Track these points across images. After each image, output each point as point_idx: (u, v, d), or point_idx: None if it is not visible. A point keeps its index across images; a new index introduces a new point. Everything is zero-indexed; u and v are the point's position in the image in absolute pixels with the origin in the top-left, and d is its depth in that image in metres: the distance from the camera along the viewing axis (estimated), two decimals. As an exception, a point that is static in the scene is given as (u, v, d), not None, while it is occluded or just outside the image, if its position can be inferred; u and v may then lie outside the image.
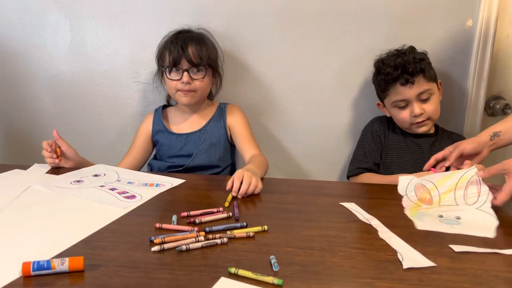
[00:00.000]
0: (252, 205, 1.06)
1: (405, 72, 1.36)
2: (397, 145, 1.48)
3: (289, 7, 1.53)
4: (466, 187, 1.08)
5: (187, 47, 1.34)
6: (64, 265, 0.72)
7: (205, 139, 1.44)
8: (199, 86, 1.38)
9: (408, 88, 1.37)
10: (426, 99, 1.39)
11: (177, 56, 1.33)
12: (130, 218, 0.96)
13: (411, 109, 1.39)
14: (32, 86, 1.66)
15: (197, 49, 1.35)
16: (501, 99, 1.59)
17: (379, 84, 1.44)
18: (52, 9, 1.58)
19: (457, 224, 0.98)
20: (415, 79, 1.36)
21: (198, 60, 1.35)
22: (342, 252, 0.82)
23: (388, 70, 1.39)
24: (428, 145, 1.46)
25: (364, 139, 1.53)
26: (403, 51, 1.43)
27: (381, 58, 1.47)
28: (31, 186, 1.13)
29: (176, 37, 1.38)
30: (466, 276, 0.75)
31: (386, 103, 1.45)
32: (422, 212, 1.04)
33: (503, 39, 1.56)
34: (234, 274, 0.73)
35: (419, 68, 1.37)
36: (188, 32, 1.43)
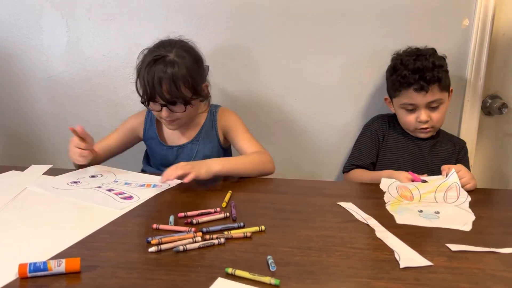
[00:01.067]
0: (249, 205, 1.06)
1: (422, 78, 1.33)
2: (397, 145, 1.48)
3: (287, 6, 1.53)
4: (446, 191, 1.13)
5: (161, 84, 1.21)
6: (60, 266, 0.72)
7: (198, 151, 1.37)
8: (181, 116, 1.29)
9: (421, 95, 1.35)
10: (435, 107, 1.38)
11: (151, 93, 1.23)
12: (127, 219, 0.96)
13: (418, 114, 1.38)
14: (28, 87, 1.66)
15: (172, 87, 1.21)
16: (498, 98, 1.60)
17: (392, 82, 1.41)
18: (48, 10, 1.58)
19: (435, 219, 1.00)
20: (430, 87, 1.33)
21: (174, 98, 1.24)
22: (339, 252, 0.82)
23: (405, 73, 1.35)
24: (429, 147, 1.45)
25: (362, 137, 1.54)
26: (423, 53, 1.39)
27: (400, 56, 1.43)
28: (28, 188, 1.12)
29: (150, 68, 1.22)
30: (462, 275, 0.75)
31: (395, 102, 1.44)
32: (403, 207, 1.07)
33: (499, 38, 1.56)
34: (231, 274, 0.73)
35: (437, 76, 1.34)
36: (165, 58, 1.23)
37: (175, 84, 1.21)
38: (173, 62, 1.22)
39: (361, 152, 1.50)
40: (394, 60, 1.45)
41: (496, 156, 1.67)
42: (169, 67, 1.21)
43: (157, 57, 1.22)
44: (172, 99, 1.24)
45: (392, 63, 1.45)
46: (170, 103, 1.24)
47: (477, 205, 1.14)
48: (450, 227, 0.95)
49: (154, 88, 1.21)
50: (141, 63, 1.27)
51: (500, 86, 1.61)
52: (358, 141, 1.55)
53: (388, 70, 1.47)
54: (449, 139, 1.50)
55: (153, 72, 1.21)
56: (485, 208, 1.10)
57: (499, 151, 1.67)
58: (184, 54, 1.26)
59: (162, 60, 1.22)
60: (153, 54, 1.24)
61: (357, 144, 1.54)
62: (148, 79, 1.21)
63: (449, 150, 1.47)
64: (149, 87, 1.22)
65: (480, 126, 1.62)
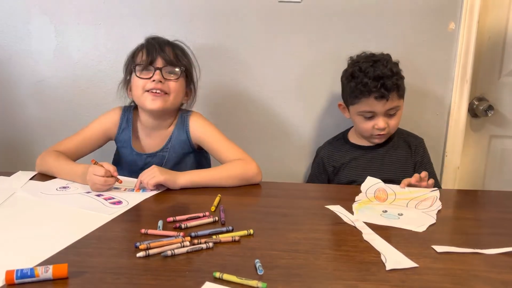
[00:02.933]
0: (238, 209, 1.06)
1: (382, 86, 1.32)
2: (350, 164, 1.45)
3: (277, 9, 1.55)
4: (421, 200, 1.14)
5: (164, 46, 1.27)
6: (48, 272, 0.72)
7: (167, 161, 1.33)
8: (172, 88, 1.26)
9: (381, 103, 1.34)
10: (392, 114, 1.38)
11: (152, 53, 1.24)
12: (116, 224, 0.96)
13: (376, 121, 1.37)
14: (17, 92, 1.65)
15: (174, 49, 1.29)
16: (484, 100, 1.62)
17: (351, 89, 1.38)
18: (36, 15, 1.57)
19: (396, 219, 1.02)
20: (390, 95, 1.33)
21: (174, 59, 1.27)
22: (326, 254, 0.83)
23: (366, 81, 1.33)
24: (381, 156, 1.44)
25: (314, 164, 1.55)
26: (380, 59, 1.38)
27: (358, 62, 1.40)
28: (17, 193, 1.12)
29: (152, 38, 1.31)
30: (447, 276, 0.76)
31: (352, 109, 1.41)
32: (367, 206, 1.09)
33: (485, 41, 1.58)
34: (219, 278, 0.74)
35: (396, 84, 1.34)
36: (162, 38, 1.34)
37: (178, 46, 1.31)
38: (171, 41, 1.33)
39: (312, 179, 1.52)
40: (351, 66, 1.42)
41: (482, 157, 1.70)
42: (171, 41, 1.32)
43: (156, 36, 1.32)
44: (173, 60, 1.26)
45: (349, 69, 1.41)
46: (170, 64, 1.26)
47: (463, 206, 1.16)
48: (405, 227, 0.97)
49: (159, 47, 1.25)
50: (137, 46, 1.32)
51: (487, 88, 1.63)
52: (312, 166, 1.56)
53: (345, 76, 1.43)
54: (403, 140, 1.48)
55: (156, 40, 1.29)
56: (471, 209, 1.12)
57: (485, 153, 1.69)
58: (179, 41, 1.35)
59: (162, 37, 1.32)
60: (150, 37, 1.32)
61: (311, 170, 1.55)
62: (151, 43, 1.27)
63: (404, 154, 1.45)
64: (152, 48, 1.25)
65: (467, 128, 1.65)
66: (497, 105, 1.62)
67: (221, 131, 1.34)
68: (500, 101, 1.63)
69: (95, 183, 1.13)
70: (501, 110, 1.64)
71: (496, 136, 1.67)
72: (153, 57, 1.24)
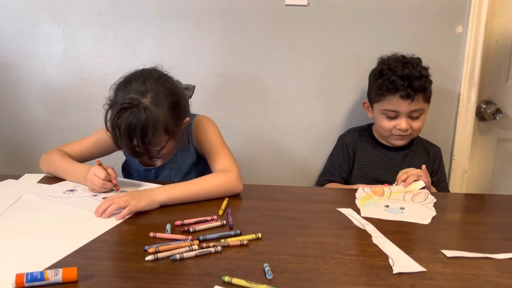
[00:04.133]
0: (246, 213, 1.06)
1: (409, 86, 1.33)
2: (369, 159, 1.48)
3: (284, 12, 1.55)
4: (415, 194, 1.18)
5: (131, 146, 1.10)
6: (57, 276, 0.72)
7: (176, 172, 1.30)
8: (163, 154, 1.20)
9: (406, 102, 1.35)
10: (415, 117, 1.39)
11: (123, 147, 1.13)
12: (124, 227, 0.96)
13: (398, 122, 1.38)
14: (25, 96, 1.66)
15: (140, 149, 1.10)
16: (492, 103, 1.61)
17: (378, 86, 1.39)
18: (44, 19, 1.58)
19: (400, 213, 1.06)
20: (416, 96, 1.34)
21: (144, 155, 1.13)
22: (335, 259, 0.83)
23: (394, 79, 1.35)
24: (401, 158, 1.46)
25: (335, 150, 1.55)
26: (410, 61, 1.39)
27: (388, 61, 1.42)
28: (25, 196, 1.12)
29: (119, 118, 1.07)
30: (457, 281, 0.76)
31: (376, 107, 1.43)
32: (371, 202, 1.12)
33: (492, 44, 1.58)
34: (228, 282, 0.73)
35: (423, 86, 1.35)
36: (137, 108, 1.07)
37: (145, 138, 1.07)
38: (146, 117, 1.06)
39: (333, 166, 1.52)
40: (380, 64, 1.44)
41: (490, 161, 1.69)
42: (139, 120, 1.06)
43: (128, 107, 1.06)
44: (142, 155, 1.13)
45: (378, 67, 1.44)
46: (137, 155, 1.13)
47: (471, 210, 1.15)
48: (411, 221, 1.01)
49: (125, 146, 1.10)
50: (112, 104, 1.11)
51: (494, 92, 1.62)
52: (331, 155, 1.56)
53: (373, 74, 1.45)
54: (423, 147, 1.50)
55: (124, 134, 1.07)
56: (480, 214, 1.11)
57: (493, 156, 1.68)
58: (161, 99, 1.10)
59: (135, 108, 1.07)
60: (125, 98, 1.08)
61: (330, 158, 1.56)
62: (119, 137, 1.08)
63: (422, 160, 1.46)
64: (122, 141, 1.08)
65: (475, 132, 1.64)
66: (505, 108, 1.61)
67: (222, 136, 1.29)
68: (508, 105, 1.62)
69: (94, 183, 1.13)
70: (509, 113, 1.63)
71: (504, 139, 1.67)
72: (125, 150, 1.16)
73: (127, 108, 1.07)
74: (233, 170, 1.18)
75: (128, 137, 1.07)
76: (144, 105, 1.08)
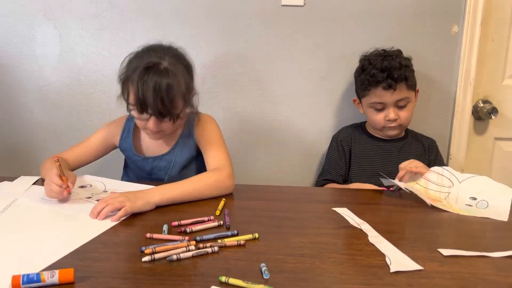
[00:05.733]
0: (243, 213, 1.06)
1: (389, 77, 1.38)
2: (365, 153, 1.50)
3: (280, 13, 1.55)
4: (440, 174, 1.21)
5: (156, 95, 1.12)
6: (54, 277, 0.72)
7: (174, 164, 1.31)
8: (168, 128, 1.22)
9: (389, 93, 1.39)
10: (402, 106, 1.42)
11: (143, 103, 1.13)
12: (121, 228, 0.96)
13: (386, 113, 1.42)
14: (21, 98, 1.66)
15: (166, 99, 1.13)
16: (488, 102, 1.62)
17: (361, 82, 1.45)
18: (41, 21, 1.58)
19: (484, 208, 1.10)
20: (397, 85, 1.38)
21: (166, 111, 1.15)
22: (332, 258, 0.83)
23: (374, 72, 1.40)
24: (397, 149, 1.48)
25: (330, 150, 1.56)
26: (390, 53, 1.44)
27: (368, 56, 1.48)
28: (19, 198, 1.12)
29: (143, 76, 1.13)
30: (454, 280, 0.76)
31: (364, 102, 1.47)
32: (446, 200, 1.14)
33: (488, 44, 1.58)
34: (225, 283, 0.73)
35: (404, 75, 1.39)
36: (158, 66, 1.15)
37: (170, 96, 1.13)
38: (167, 71, 1.14)
39: (330, 165, 1.52)
40: (362, 61, 1.49)
41: (487, 160, 1.69)
42: (164, 77, 1.13)
43: (150, 65, 1.14)
44: (165, 111, 1.15)
45: (360, 64, 1.49)
46: (160, 115, 1.16)
47: (469, 209, 1.15)
48: None
49: (147, 99, 1.12)
50: (131, 70, 1.17)
51: (490, 91, 1.63)
52: (327, 154, 1.57)
53: (357, 71, 1.50)
54: (417, 139, 1.52)
55: (148, 81, 1.12)
56: (477, 212, 1.11)
57: (490, 155, 1.69)
58: (177, 63, 1.19)
59: (156, 68, 1.14)
60: (145, 61, 1.15)
61: (327, 157, 1.56)
62: (141, 89, 1.12)
63: (418, 151, 1.49)
64: (142, 97, 1.12)
65: (471, 131, 1.65)
66: (501, 107, 1.61)
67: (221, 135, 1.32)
68: (503, 104, 1.63)
69: (52, 190, 1.08)
70: (505, 112, 1.63)
71: (500, 138, 1.67)
72: (145, 108, 1.15)
73: (150, 68, 1.14)
74: (225, 168, 1.20)
75: (155, 94, 1.12)
76: (164, 66, 1.15)
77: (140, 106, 1.15)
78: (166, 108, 1.15)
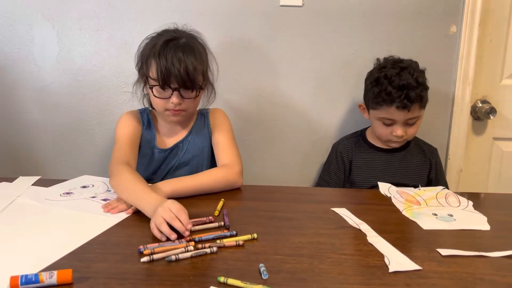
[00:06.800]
0: (242, 213, 1.06)
1: (406, 97, 1.31)
2: (366, 164, 1.47)
3: (278, 13, 1.55)
4: (445, 197, 1.17)
5: (179, 64, 1.14)
6: (52, 278, 0.72)
7: (187, 149, 1.31)
8: (190, 106, 1.23)
9: (402, 112, 1.34)
10: (411, 124, 1.39)
11: (166, 74, 1.14)
12: (120, 229, 0.96)
13: (394, 129, 1.38)
14: (20, 98, 1.65)
15: (190, 67, 1.15)
16: (486, 103, 1.62)
17: (374, 95, 1.38)
18: (39, 21, 1.58)
19: (453, 221, 1.03)
20: (412, 106, 1.33)
21: (190, 81, 1.16)
22: (330, 258, 0.83)
23: (390, 90, 1.32)
24: (398, 159, 1.46)
25: (329, 161, 1.54)
26: (406, 66, 1.36)
27: (384, 68, 1.38)
28: (21, 200, 1.11)
29: (165, 48, 1.16)
30: (452, 279, 0.76)
31: (372, 113, 1.42)
32: (417, 212, 1.08)
33: (487, 44, 1.59)
34: (224, 283, 0.73)
35: (419, 95, 1.33)
36: (178, 40, 1.20)
37: (193, 65, 1.16)
38: (187, 44, 1.19)
39: (330, 175, 1.51)
40: (377, 71, 1.40)
41: (485, 160, 1.69)
42: (186, 48, 1.18)
43: (170, 38, 1.19)
44: (189, 81, 1.16)
45: (375, 73, 1.40)
46: (184, 86, 1.17)
47: (467, 209, 1.15)
48: (470, 228, 0.99)
49: (171, 70, 1.14)
50: (149, 48, 1.20)
51: (489, 91, 1.63)
52: (326, 164, 1.56)
53: (370, 80, 1.42)
54: (419, 148, 1.50)
55: (170, 52, 1.15)
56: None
57: (488, 155, 1.69)
58: (194, 39, 1.24)
59: (176, 41, 1.19)
60: (164, 37, 1.19)
61: (326, 167, 1.55)
62: (164, 60, 1.14)
63: (419, 161, 1.47)
64: (165, 68, 1.14)
65: (470, 131, 1.65)
66: (499, 107, 1.62)
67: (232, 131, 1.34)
68: (502, 104, 1.63)
69: (166, 218, 0.91)
70: (504, 112, 1.64)
71: (499, 138, 1.67)
72: (168, 79, 1.16)
73: (170, 41, 1.18)
74: (236, 165, 1.23)
75: (179, 63, 1.15)
76: (183, 41, 1.20)
77: (163, 79, 1.16)
78: (190, 78, 1.16)
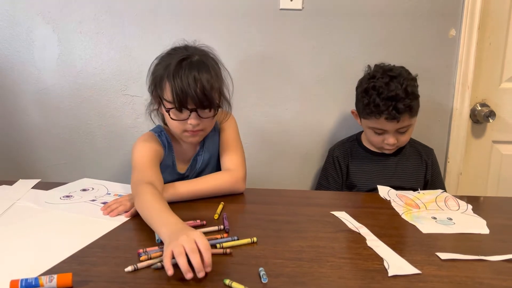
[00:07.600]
0: (241, 217, 1.06)
1: (394, 109, 1.31)
2: (362, 168, 1.48)
3: (278, 16, 1.56)
4: (445, 200, 1.17)
5: (195, 84, 1.09)
6: (52, 282, 0.72)
7: (203, 161, 1.28)
8: (208, 125, 1.18)
9: (392, 123, 1.34)
10: (403, 132, 1.38)
11: (183, 96, 1.09)
12: (120, 232, 0.96)
13: (385, 137, 1.38)
14: (20, 101, 1.66)
15: (206, 86, 1.10)
16: (486, 106, 1.62)
17: (363, 106, 1.37)
18: (39, 24, 1.58)
19: (452, 224, 1.02)
20: (401, 117, 1.32)
21: (208, 100, 1.11)
22: (330, 262, 0.83)
23: (378, 102, 1.32)
24: (394, 163, 1.46)
25: (326, 166, 1.55)
26: (396, 75, 1.34)
27: (373, 78, 1.37)
28: (21, 203, 1.12)
29: (179, 68, 1.10)
30: (452, 283, 0.76)
31: (364, 122, 1.42)
32: (416, 215, 1.08)
33: (485, 47, 1.59)
34: (228, 286, 0.74)
35: (409, 105, 1.32)
36: (190, 58, 1.13)
37: (209, 84, 1.11)
38: (201, 61, 1.13)
39: (328, 181, 1.52)
40: (366, 81, 1.39)
41: (485, 163, 1.70)
42: (200, 66, 1.12)
43: (183, 57, 1.12)
44: (206, 101, 1.11)
45: (364, 83, 1.39)
46: (201, 106, 1.12)
47: (466, 213, 1.16)
48: (469, 231, 0.99)
49: (187, 91, 1.08)
50: (162, 69, 1.14)
51: (488, 94, 1.63)
52: (324, 169, 1.56)
53: (360, 89, 1.41)
54: (415, 150, 1.50)
55: (185, 73, 1.09)
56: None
57: (488, 159, 1.69)
58: (206, 55, 1.18)
59: (189, 60, 1.12)
60: (176, 57, 1.13)
61: (324, 172, 1.55)
62: (179, 82, 1.09)
63: (415, 163, 1.47)
64: (180, 90, 1.08)
65: (469, 134, 1.65)
66: (498, 110, 1.62)
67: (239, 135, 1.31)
68: (501, 107, 1.63)
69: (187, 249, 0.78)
70: (503, 115, 1.64)
71: (498, 141, 1.68)
72: (184, 101, 1.10)
73: (183, 60, 1.12)
74: (239, 170, 1.22)
75: (195, 83, 1.09)
76: (197, 58, 1.14)
77: (180, 101, 1.10)
78: (207, 97, 1.11)
